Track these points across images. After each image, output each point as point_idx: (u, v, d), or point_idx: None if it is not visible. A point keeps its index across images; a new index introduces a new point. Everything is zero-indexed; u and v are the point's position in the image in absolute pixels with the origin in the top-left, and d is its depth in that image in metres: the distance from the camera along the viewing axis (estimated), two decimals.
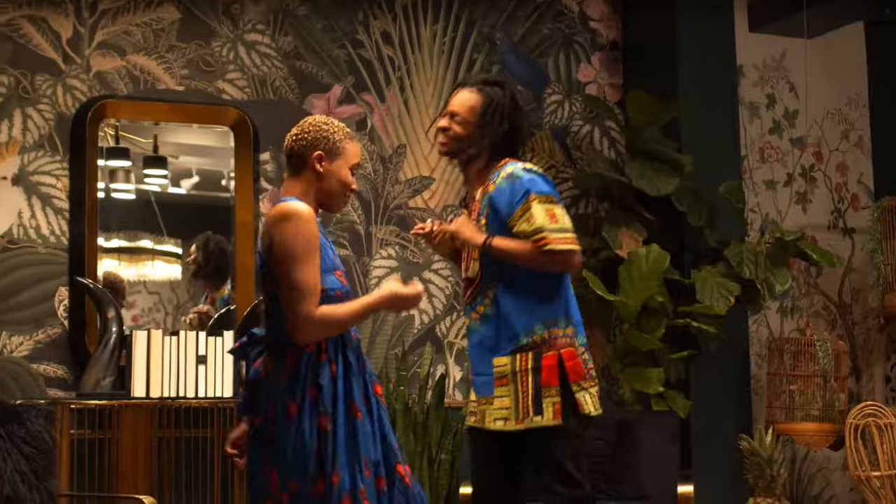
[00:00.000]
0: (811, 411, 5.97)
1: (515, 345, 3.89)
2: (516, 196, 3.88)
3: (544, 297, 3.91)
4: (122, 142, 5.68)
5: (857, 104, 6.94)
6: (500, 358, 3.91)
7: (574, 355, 3.89)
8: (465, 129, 3.96)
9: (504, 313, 3.91)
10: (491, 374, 3.93)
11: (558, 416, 3.83)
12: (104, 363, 5.13)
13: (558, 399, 3.84)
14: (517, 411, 3.86)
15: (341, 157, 3.63)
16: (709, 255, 5.99)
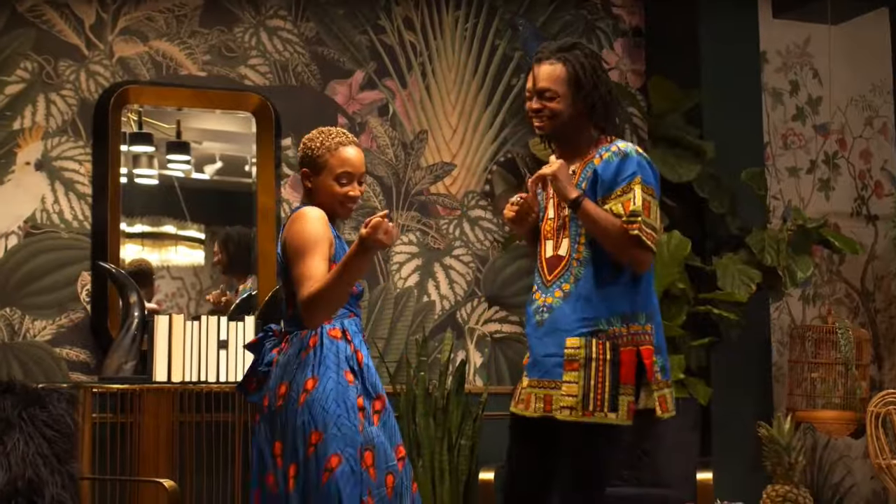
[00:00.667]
0: (832, 399, 5.94)
1: (593, 328, 3.73)
2: (623, 174, 3.75)
3: (630, 289, 3.78)
4: (145, 127, 5.70)
5: (882, 91, 6.90)
6: (574, 339, 3.73)
7: (652, 353, 3.76)
8: (560, 103, 3.81)
9: (587, 295, 3.76)
10: (562, 356, 3.75)
11: (631, 417, 3.70)
12: (126, 348, 5.16)
13: (633, 398, 3.71)
14: (588, 401, 3.69)
15: (324, 170, 3.75)
16: (730, 241, 5.98)
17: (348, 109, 5.91)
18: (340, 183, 3.73)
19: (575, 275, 3.80)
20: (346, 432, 3.55)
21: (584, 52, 3.87)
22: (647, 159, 3.85)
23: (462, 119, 6.15)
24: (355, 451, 3.54)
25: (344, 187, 3.73)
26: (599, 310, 3.75)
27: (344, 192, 3.74)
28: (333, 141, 3.76)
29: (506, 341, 6.09)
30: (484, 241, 6.11)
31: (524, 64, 6.25)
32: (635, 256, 3.75)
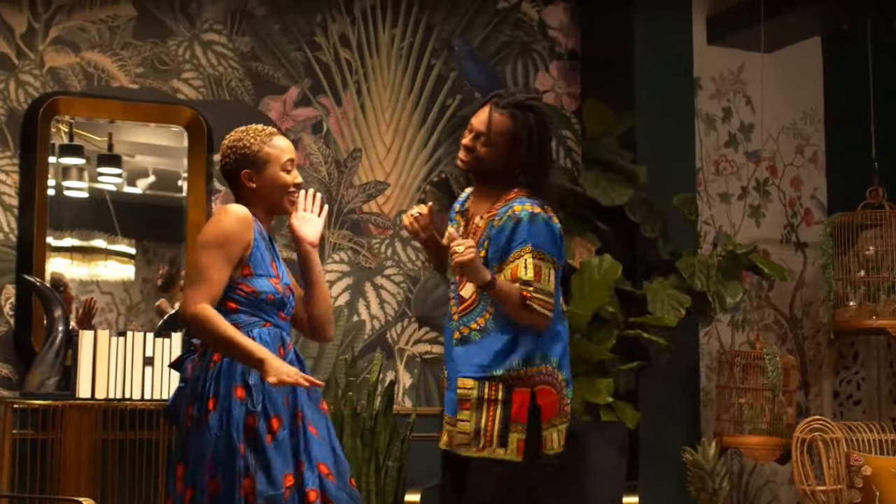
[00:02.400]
0: (759, 425, 5.99)
1: (486, 373, 3.81)
2: (514, 241, 3.80)
3: (529, 333, 3.83)
4: (77, 139, 5.64)
5: (813, 119, 6.97)
6: (466, 380, 3.84)
7: (550, 392, 3.83)
8: (489, 152, 3.85)
9: (486, 340, 3.83)
10: (456, 396, 3.85)
11: (520, 454, 3.78)
12: (49, 362, 5.09)
13: (524, 436, 3.79)
14: (479, 439, 3.80)
15: (268, 163, 3.68)
16: (661, 266, 6.00)
17: (282, 126, 5.87)
18: (287, 170, 3.69)
19: (479, 321, 3.87)
20: (226, 459, 3.45)
21: (538, 116, 3.88)
22: (541, 218, 3.84)
23: (396, 138, 6.13)
24: (233, 477, 3.44)
25: (290, 174, 3.70)
26: (497, 355, 3.82)
27: (292, 179, 3.70)
28: (264, 134, 3.72)
29: (435, 362, 6.07)
30: (416, 262, 6.10)
31: (459, 84, 6.26)
32: (532, 321, 3.81)
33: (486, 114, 3.88)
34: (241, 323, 3.58)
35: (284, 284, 3.70)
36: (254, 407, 3.49)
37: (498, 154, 3.85)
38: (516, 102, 3.88)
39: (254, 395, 3.50)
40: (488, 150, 3.86)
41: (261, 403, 3.50)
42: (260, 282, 3.60)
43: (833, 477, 5.50)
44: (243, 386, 3.51)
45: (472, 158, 3.88)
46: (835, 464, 5.54)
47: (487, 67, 6.36)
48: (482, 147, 3.86)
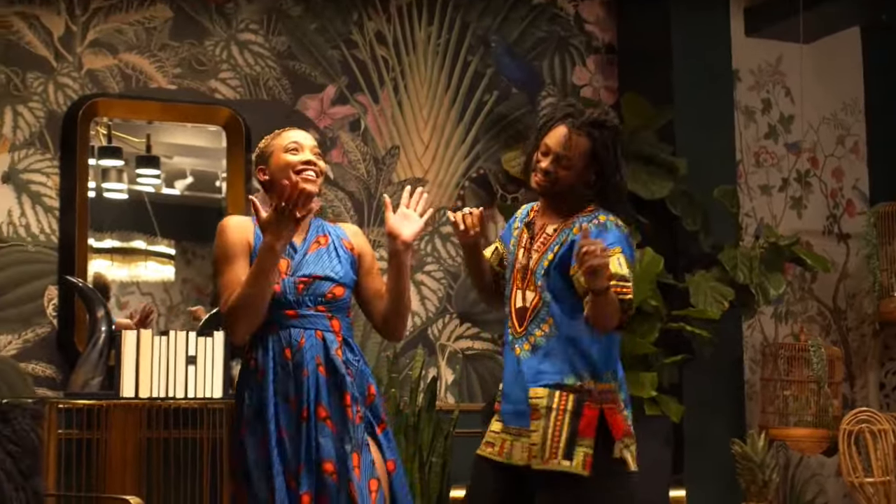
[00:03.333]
0: (805, 417, 5.93)
1: (558, 381, 3.72)
2: (607, 241, 3.65)
3: (596, 346, 3.75)
4: (115, 141, 5.66)
5: (854, 109, 6.92)
6: (538, 389, 3.73)
7: (615, 411, 3.74)
8: (569, 175, 3.76)
9: (554, 349, 3.73)
10: (527, 405, 3.75)
11: (588, 468, 3.65)
12: (93, 363, 5.10)
13: (591, 451, 3.67)
14: (544, 450, 3.69)
15: (272, 153, 3.72)
16: (703, 259, 5.97)
17: (319, 124, 5.87)
18: (291, 151, 3.67)
19: (543, 329, 3.77)
20: (233, 465, 3.61)
21: (612, 131, 3.82)
22: (625, 230, 3.80)
23: (434, 135, 6.12)
24: (237, 482, 3.60)
25: (296, 155, 3.66)
26: (566, 365, 3.73)
27: (297, 159, 3.66)
28: (278, 133, 3.77)
29: (477, 358, 6.06)
30: (455, 258, 6.08)
31: (496, 80, 6.24)
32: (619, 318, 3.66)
33: (563, 135, 3.78)
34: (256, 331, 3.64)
35: (297, 278, 3.64)
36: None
37: (577, 175, 3.77)
38: (592, 121, 3.80)
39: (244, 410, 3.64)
40: (568, 173, 3.77)
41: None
42: None
43: (881, 469, 5.45)
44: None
45: (551, 182, 3.78)
46: (882, 455, 5.49)
47: (524, 63, 6.34)
48: (562, 170, 3.77)
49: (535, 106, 6.31)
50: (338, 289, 3.70)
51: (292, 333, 3.61)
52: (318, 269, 3.68)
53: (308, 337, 3.61)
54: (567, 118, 3.81)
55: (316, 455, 3.54)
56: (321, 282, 3.67)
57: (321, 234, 3.75)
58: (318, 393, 3.57)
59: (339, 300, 3.70)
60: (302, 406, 3.57)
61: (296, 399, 3.58)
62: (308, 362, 3.59)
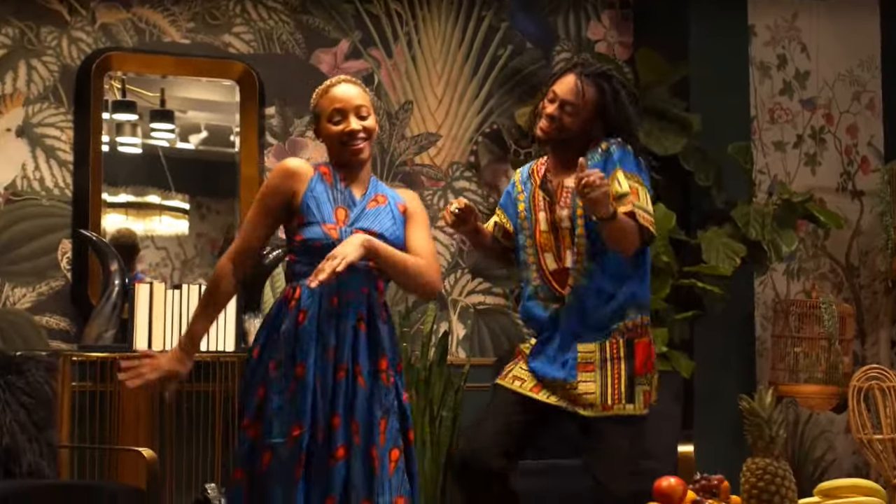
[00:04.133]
0: (815, 374, 5.95)
1: (604, 333, 3.85)
2: (608, 168, 3.75)
3: (635, 284, 3.87)
4: (129, 95, 5.67)
5: (870, 66, 6.87)
6: (585, 345, 3.85)
7: (649, 344, 3.91)
8: (574, 121, 3.82)
9: (601, 300, 3.84)
10: (575, 359, 3.85)
11: (647, 406, 3.87)
12: (106, 316, 5.14)
13: (650, 388, 3.87)
14: (604, 397, 3.82)
15: (322, 116, 3.67)
16: (715, 215, 5.96)
17: None
18: (334, 122, 3.62)
19: (582, 284, 3.85)
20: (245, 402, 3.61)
21: (618, 85, 3.88)
22: (633, 153, 3.84)
23: (448, 90, 6.11)
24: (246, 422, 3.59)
25: (338, 125, 3.61)
26: (608, 313, 3.85)
27: (339, 129, 3.61)
28: (327, 86, 3.69)
29: (489, 313, 6.08)
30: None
31: (510, 35, 6.22)
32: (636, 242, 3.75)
33: (572, 83, 3.83)
34: (296, 272, 3.61)
35: (354, 228, 3.61)
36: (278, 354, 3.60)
37: (582, 122, 3.82)
38: (601, 72, 3.87)
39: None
40: (574, 119, 3.82)
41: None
42: (310, 229, 3.59)
43: (890, 426, 5.46)
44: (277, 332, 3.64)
45: (556, 128, 3.84)
46: (892, 412, 5.51)
47: (539, 18, 6.32)
48: (568, 116, 3.82)
49: (549, 61, 6.30)
50: None
51: (340, 284, 3.54)
52: (374, 225, 3.65)
53: (356, 291, 3.59)
54: (576, 67, 3.88)
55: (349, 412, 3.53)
56: (375, 238, 3.62)
57: (379, 192, 3.72)
58: (356, 349, 3.56)
59: None
60: (341, 359, 3.55)
61: (335, 350, 3.55)
62: (351, 315, 3.57)
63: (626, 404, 3.82)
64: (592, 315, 3.85)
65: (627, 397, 3.82)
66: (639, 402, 3.84)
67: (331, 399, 3.53)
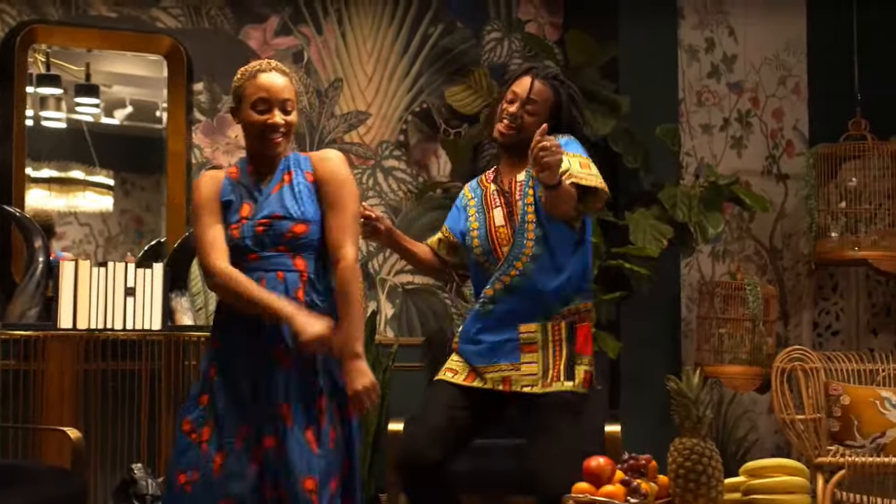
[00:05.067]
0: (739, 354, 6.02)
1: (546, 315, 3.96)
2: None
3: (579, 272, 3.99)
4: (53, 69, 5.57)
5: (796, 51, 6.94)
6: (527, 325, 3.96)
7: (590, 329, 4.04)
8: (533, 120, 3.94)
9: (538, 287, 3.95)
10: (517, 340, 3.97)
11: (587, 385, 3.97)
12: (30, 293, 5.06)
13: (590, 368, 3.99)
14: (545, 376, 3.93)
15: (245, 101, 3.62)
16: (643, 197, 6.00)
17: (262, 55, 5.81)
18: (258, 110, 3.58)
19: (529, 268, 3.96)
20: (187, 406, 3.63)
21: (571, 88, 4.06)
22: (576, 141, 4.00)
23: (378, 67, 6.09)
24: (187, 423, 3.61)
25: (262, 114, 3.58)
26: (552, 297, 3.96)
27: (262, 119, 3.58)
28: (255, 69, 3.64)
29: (417, 292, 6.08)
30: (397, 192, 6.07)
31: (441, 13, 6.20)
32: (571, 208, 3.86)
33: (529, 83, 3.99)
34: None
35: (256, 220, 3.61)
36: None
37: (540, 122, 3.88)
38: (554, 75, 4.04)
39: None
40: (533, 118, 3.95)
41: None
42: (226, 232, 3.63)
43: (812, 406, 5.53)
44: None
45: (516, 127, 3.98)
46: (814, 393, 5.57)
47: None
48: (528, 116, 3.96)
49: (479, 40, 6.29)
50: (298, 226, 3.60)
51: (254, 278, 3.55)
52: (277, 209, 3.61)
53: (269, 279, 3.56)
54: (531, 69, 4.05)
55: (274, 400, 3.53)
56: (280, 221, 3.59)
57: (286, 171, 3.67)
58: (276, 335, 3.54)
59: (300, 238, 3.60)
60: (264, 350, 3.54)
61: (258, 343, 3.55)
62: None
63: (566, 381, 3.91)
64: (537, 298, 3.96)
65: (567, 375, 3.92)
66: (578, 380, 3.94)
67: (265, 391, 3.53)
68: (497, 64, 6.29)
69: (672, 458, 3.59)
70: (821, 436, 5.46)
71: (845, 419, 5.49)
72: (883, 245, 6.21)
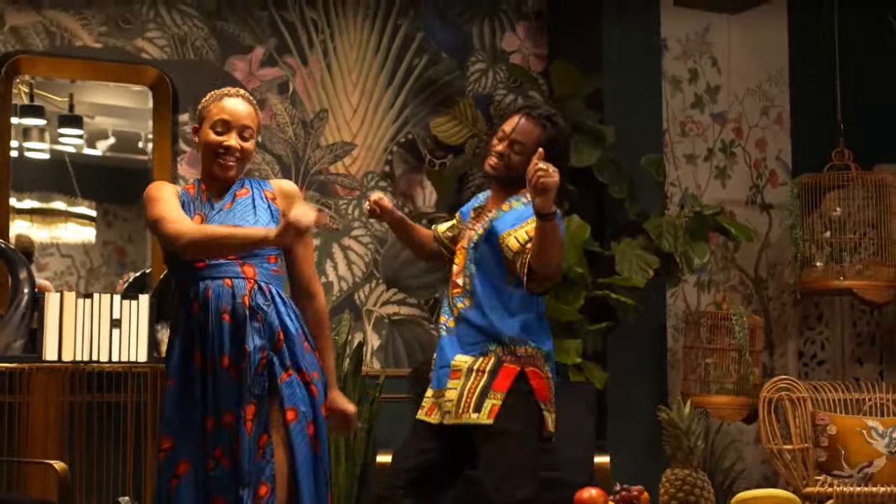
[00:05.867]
0: (726, 384, 6.02)
1: (480, 350, 3.96)
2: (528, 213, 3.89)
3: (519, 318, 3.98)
4: (37, 100, 5.56)
5: (778, 81, 6.98)
6: (462, 356, 3.98)
7: (539, 376, 3.97)
8: (521, 160, 3.97)
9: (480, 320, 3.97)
10: (449, 367, 3.99)
11: (493, 416, 3.89)
12: (15, 325, 5.02)
13: (500, 402, 3.91)
14: (458, 406, 3.94)
15: (205, 120, 3.65)
16: (629, 227, 6.01)
17: (248, 86, 5.80)
18: (216, 131, 3.60)
19: (467, 301, 4.01)
20: None
21: (562, 127, 4.10)
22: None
23: (363, 98, 6.09)
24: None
25: (220, 136, 3.60)
26: (490, 333, 3.97)
27: (218, 140, 3.60)
28: (222, 93, 3.67)
29: (404, 324, 6.06)
30: (383, 223, 6.04)
31: (426, 44, 6.22)
32: (560, 256, 3.88)
33: (519, 123, 4.04)
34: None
35: None
36: None
37: (528, 160, 3.90)
38: (547, 114, 4.07)
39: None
40: (520, 157, 3.98)
41: None
42: None
43: (799, 436, 5.54)
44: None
45: (504, 165, 4.03)
46: (801, 423, 5.58)
47: (454, 27, 6.32)
48: (516, 155, 4.01)
49: (464, 71, 6.30)
50: None
51: (201, 286, 3.55)
52: (229, 220, 3.61)
53: (215, 287, 3.55)
54: (524, 108, 4.10)
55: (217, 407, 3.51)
56: None
57: (240, 188, 3.68)
58: (221, 342, 3.53)
59: None
60: (207, 358, 3.53)
61: (201, 352, 3.54)
62: (212, 312, 3.54)
63: (472, 413, 3.90)
64: (472, 334, 3.99)
65: (475, 406, 3.90)
66: (484, 413, 3.90)
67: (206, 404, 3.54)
68: (482, 95, 6.30)
69: (664, 489, 3.59)
70: (808, 465, 5.47)
71: (832, 449, 5.50)
72: (867, 274, 6.23)
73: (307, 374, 3.57)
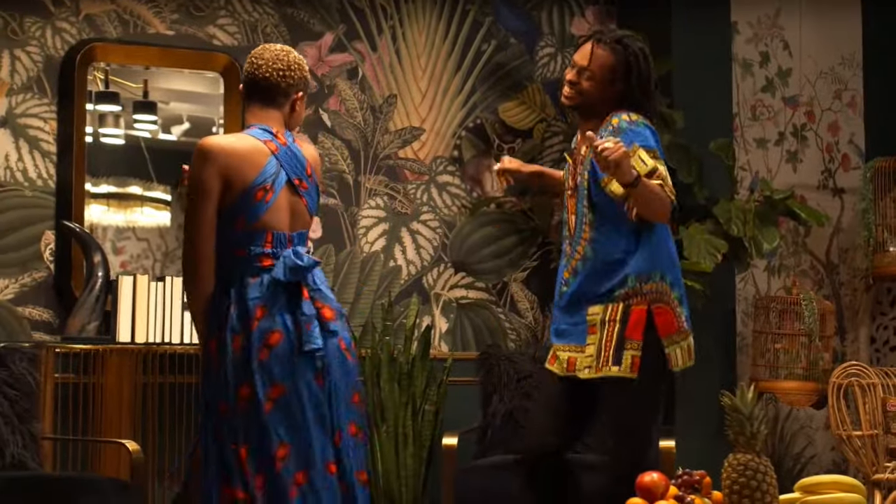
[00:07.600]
0: (795, 370, 5.98)
1: (609, 294, 3.94)
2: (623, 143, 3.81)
3: (641, 250, 3.95)
4: (112, 86, 5.65)
5: (851, 64, 6.90)
6: (595, 307, 3.96)
7: (665, 310, 3.95)
8: (593, 86, 3.97)
9: (600, 264, 3.95)
10: (585, 323, 3.98)
11: (635, 370, 3.89)
12: (89, 307, 5.13)
13: (639, 353, 3.91)
14: (598, 360, 3.92)
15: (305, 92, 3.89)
16: (697, 211, 5.98)
17: (317, 72, 5.86)
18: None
19: (585, 249, 3.98)
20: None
21: (635, 49, 4.03)
22: (640, 122, 3.95)
23: (432, 83, 6.12)
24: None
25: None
26: (613, 275, 3.94)
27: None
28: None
29: (471, 307, 6.09)
30: (451, 207, 6.10)
31: (495, 30, 6.23)
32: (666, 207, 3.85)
33: (588, 49, 4.00)
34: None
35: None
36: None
37: (601, 87, 3.95)
38: (617, 38, 4.03)
39: None
40: (591, 83, 3.96)
41: None
42: None
43: (869, 422, 5.50)
44: None
45: (576, 93, 4.00)
46: (871, 409, 5.54)
47: (523, 12, 6.33)
48: (586, 81, 3.97)
49: (532, 56, 6.31)
50: None
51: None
52: None
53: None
54: (595, 34, 4.07)
55: None
56: None
57: None
58: None
59: None
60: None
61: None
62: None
63: (612, 366, 3.89)
64: (596, 280, 3.96)
65: (615, 359, 3.89)
66: (625, 365, 3.89)
67: None
68: (550, 79, 6.31)
69: (726, 474, 3.57)
70: (878, 452, 5.43)
71: None
72: None
73: None
